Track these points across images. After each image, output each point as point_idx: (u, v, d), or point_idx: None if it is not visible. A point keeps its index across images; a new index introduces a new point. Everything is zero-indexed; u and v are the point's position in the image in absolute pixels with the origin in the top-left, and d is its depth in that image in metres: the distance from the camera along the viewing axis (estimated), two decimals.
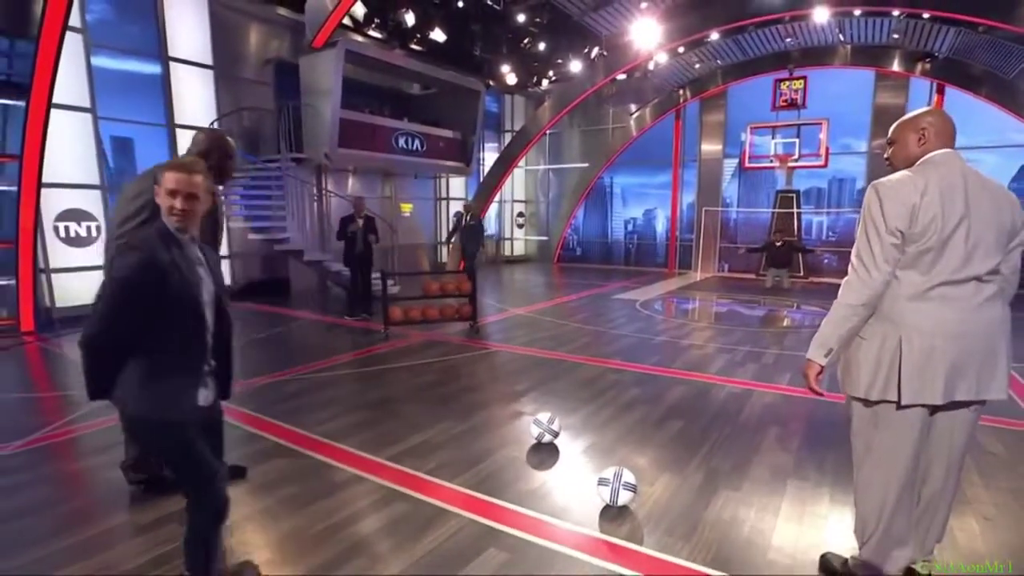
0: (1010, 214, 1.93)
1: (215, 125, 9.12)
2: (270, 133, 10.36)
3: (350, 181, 12.38)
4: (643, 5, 10.70)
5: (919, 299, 1.94)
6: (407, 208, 13.88)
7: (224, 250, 9.87)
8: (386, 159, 11.59)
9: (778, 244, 11.93)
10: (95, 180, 7.87)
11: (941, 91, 11.72)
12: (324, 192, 11.43)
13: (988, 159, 11.58)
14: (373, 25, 11.93)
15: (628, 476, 2.84)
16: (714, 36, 11.78)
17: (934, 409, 2.00)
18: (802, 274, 12.64)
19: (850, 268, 2.05)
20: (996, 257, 1.91)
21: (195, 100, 9.22)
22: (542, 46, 13.33)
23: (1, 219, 7.27)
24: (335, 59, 9.71)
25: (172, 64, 8.89)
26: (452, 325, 7.33)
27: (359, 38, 11.61)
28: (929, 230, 1.88)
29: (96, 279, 3.95)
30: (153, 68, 8.81)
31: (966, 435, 2.07)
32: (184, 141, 9.03)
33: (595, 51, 13.06)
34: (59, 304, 7.51)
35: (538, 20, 12.16)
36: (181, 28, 8.97)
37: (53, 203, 7.44)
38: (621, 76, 13.60)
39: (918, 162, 2.01)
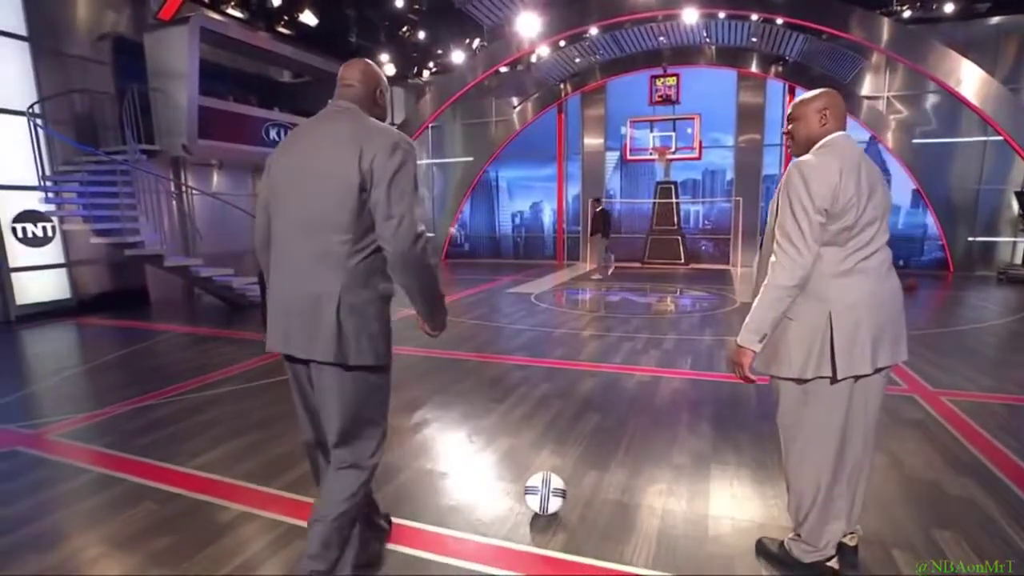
0: (888, 189, 2.09)
1: (35, 109, 7.68)
2: (112, 121, 8.97)
3: (215, 176, 11.15)
4: None
5: (845, 275, 1.99)
6: None
7: (61, 258, 8.46)
8: (256, 152, 10.53)
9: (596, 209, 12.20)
10: None
11: (792, 91, 12.96)
12: (185, 189, 10.16)
13: None
14: (232, 3, 10.81)
15: (556, 481, 2.65)
16: (593, 31, 12.07)
17: (856, 378, 2.05)
18: (682, 261, 13.45)
19: (777, 248, 2.02)
20: (887, 230, 2.06)
21: (6, 77, 7.71)
22: (422, 35, 12.90)
23: None
24: (188, 37, 8.59)
25: None
26: None
27: (216, 16, 10.43)
28: (849, 208, 1.94)
29: None
30: None
31: (879, 399, 2.16)
32: None
33: (476, 42, 12.87)
34: None
35: (417, 7, 11.72)
36: None
37: None
38: (503, 68, 13.54)
39: (820, 143, 2.07)
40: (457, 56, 13.13)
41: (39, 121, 7.67)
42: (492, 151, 15.93)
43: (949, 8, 10.31)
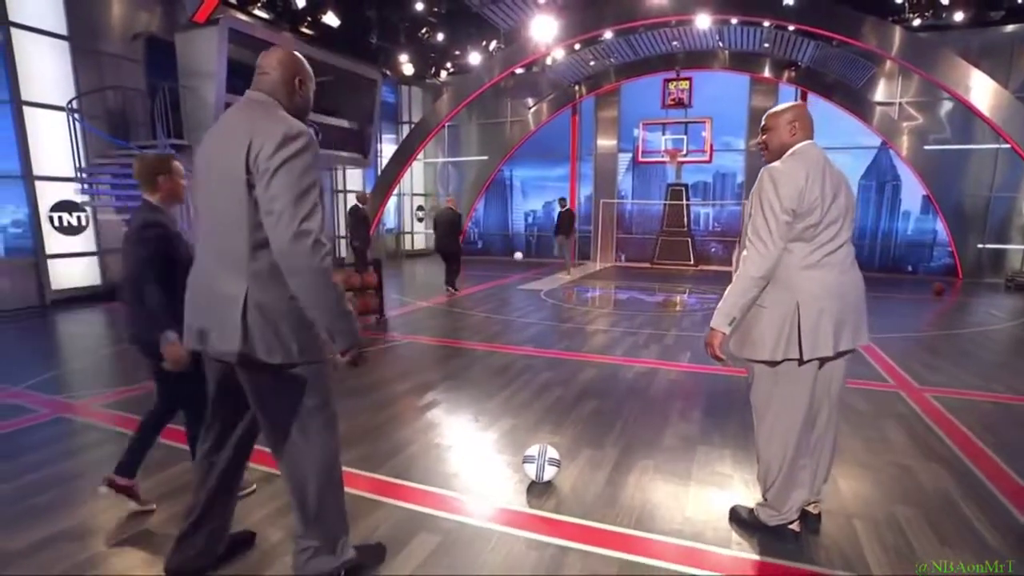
0: (851, 190, 2.33)
1: (73, 104, 8.10)
2: (143, 116, 9.38)
3: None
4: (541, 0, 10.91)
5: (811, 267, 2.23)
6: None
7: (93, 246, 8.90)
8: None
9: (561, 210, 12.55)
10: None
11: (804, 96, 13.07)
12: None
13: (841, 159, 13.10)
14: (259, 4, 11.20)
15: (552, 452, 2.91)
16: (608, 35, 12.30)
17: (821, 361, 2.29)
18: (692, 262, 13.62)
19: (748, 244, 2.27)
20: (851, 227, 2.31)
21: (47, 74, 8.14)
22: (440, 36, 13.21)
23: None
24: (217, 38, 8.96)
25: (14, 31, 7.77)
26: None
27: (244, 17, 10.83)
28: (814, 208, 2.18)
29: None
30: None
31: (841, 380, 2.41)
32: (34, 119, 7.97)
33: (493, 44, 13.16)
34: None
35: (436, 10, 12.03)
36: None
37: None
38: (519, 70, 13.80)
39: (789, 151, 2.31)
40: (474, 58, 13.43)
41: (76, 116, 8.09)
42: (507, 151, 16.21)
43: (959, 16, 10.37)
